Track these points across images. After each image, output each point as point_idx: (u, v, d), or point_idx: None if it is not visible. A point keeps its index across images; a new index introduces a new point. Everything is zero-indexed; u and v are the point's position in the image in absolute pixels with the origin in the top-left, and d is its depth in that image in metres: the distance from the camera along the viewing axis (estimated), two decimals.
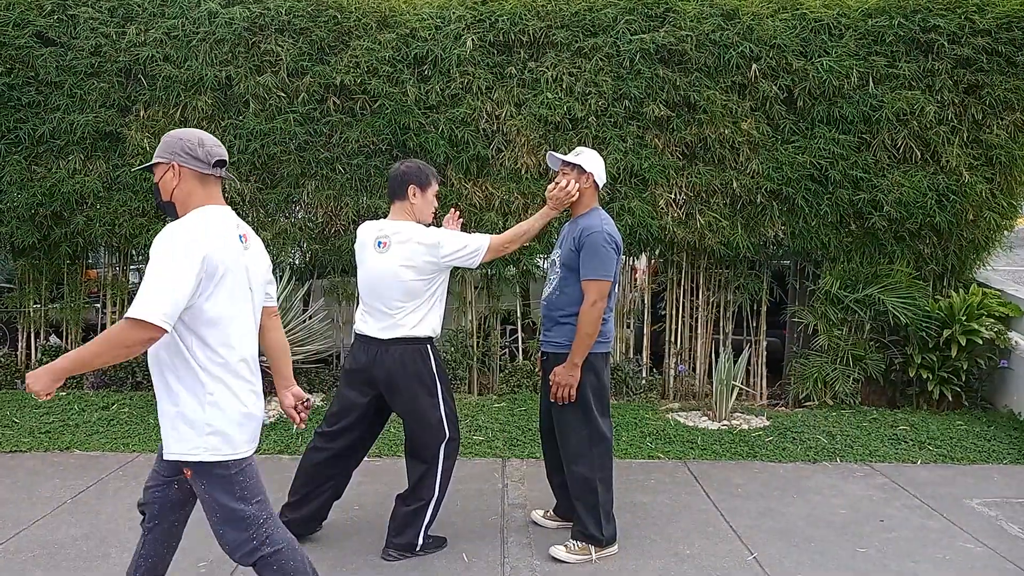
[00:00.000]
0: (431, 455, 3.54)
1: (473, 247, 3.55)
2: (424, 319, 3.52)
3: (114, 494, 4.26)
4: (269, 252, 6.45)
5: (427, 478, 3.54)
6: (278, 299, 5.74)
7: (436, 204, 3.67)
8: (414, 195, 3.54)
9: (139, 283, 7.34)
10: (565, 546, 3.59)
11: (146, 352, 2.44)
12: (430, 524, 3.57)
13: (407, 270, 3.44)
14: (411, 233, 3.48)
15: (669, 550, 3.70)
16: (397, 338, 3.47)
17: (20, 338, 6.74)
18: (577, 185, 3.59)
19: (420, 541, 3.55)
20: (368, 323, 3.54)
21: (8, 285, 7.31)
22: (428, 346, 3.54)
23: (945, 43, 5.86)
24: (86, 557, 3.49)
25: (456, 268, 6.30)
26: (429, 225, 3.60)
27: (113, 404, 5.84)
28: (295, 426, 2.81)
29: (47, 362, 2.39)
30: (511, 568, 3.49)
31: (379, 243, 3.51)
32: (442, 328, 6.67)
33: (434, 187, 3.61)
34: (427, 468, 3.54)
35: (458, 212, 4.05)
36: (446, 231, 3.61)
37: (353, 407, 3.58)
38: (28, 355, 6.70)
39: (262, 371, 5.85)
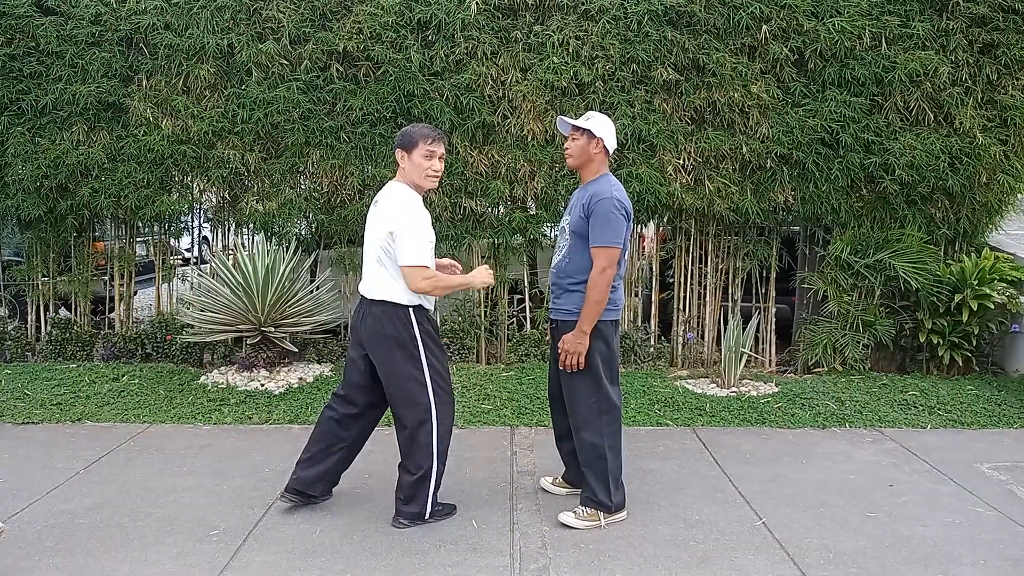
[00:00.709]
0: (412, 421, 3.49)
1: (405, 261, 3.36)
2: (406, 289, 3.43)
3: (125, 465, 4.29)
4: (275, 223, 6.49)
5: (417, 445, 3.50)
6: (284, 270, 5.79)
7: (434, 165, 3.49)
8: (401, 159, 3.49)
9: (146, 256, 7.40)
10: (574, 512, 3.60)
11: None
12: (436, 491, 3.58)
13: (376, 234, 3.46)
14: (390, 201, 3.44)
15: (678, 516, 3.71)
16: (379, 300, 3.47)
17: (29, 311, 6.76)
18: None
19: (429, 508, 3.56)
20: (362, 281, 3.60)
21: (16, 258, 7.32)
22: (411, 311, 3.47)
23: (960, 1, 5.72)
24: (99, 527, 3.52)
25: (463, 237, 6.28)
26: (418, 188, 3.49)
27: (123, 376, 5.87)
28: None
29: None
30: (521, 534, 3.50)
31: (375, 201, 3.56)
32: (450, 298, 6.67)
33: (421, 148, 3.44)
34: (411, 433, 3.50)
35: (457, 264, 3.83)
36: (410, 229, 3.37)
37: (355, 366, 3.62)
38: (38, 328, 6.72)
39: (269, 342, 5.82)
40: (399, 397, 3.51)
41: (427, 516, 3.56)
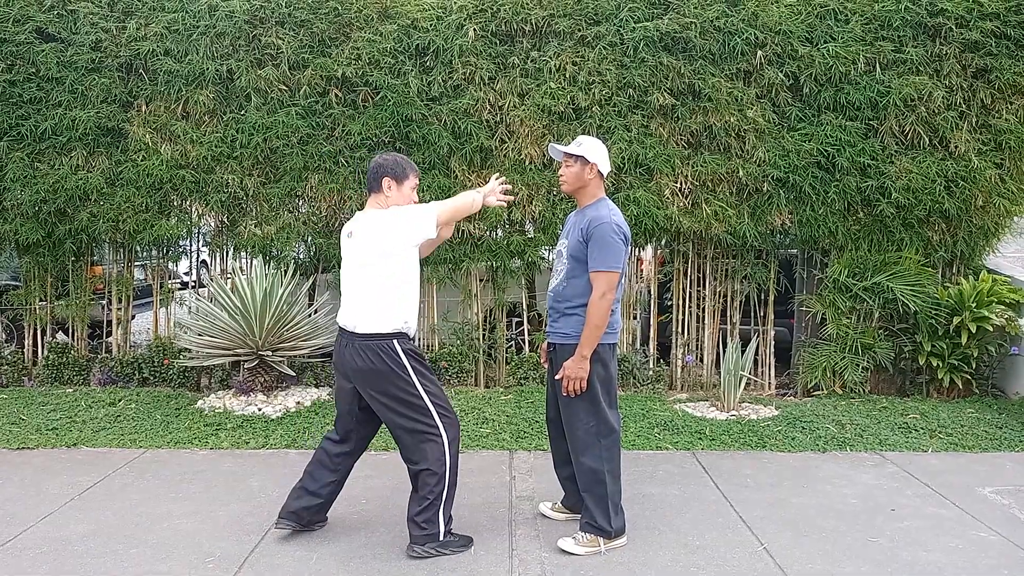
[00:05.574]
0: (421, 453, 3.44)
1: (422, 228, 3.42)
2: (391, 318, 3.41)
3: (121, 490, 4.25)
4: (273, 247, 6.50)
5: (430, 472, 3.45)
6: (282, 294, 5.79)
7: (415, 198, 3.57)
8: (388, 187, 3.47)
9: (144, 280, 7.40)
10: (574, 538, 3.56)
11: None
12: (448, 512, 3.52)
13: (373, 261, 3.40)
14: (381, 220, 3.43)
15: (678, 541, 3.68)
16: (362, 333, 3.40)
17: (27, 336, 6.74)
18: None
19: (443, 528, 3.49)
20: (344, 313, 3.51)
21: (14, 283, 7.31)
22: (395, 340, 3.41)
23: (953, 27, 5.79)
24: (93, 554, 3.48)
25: (461, 261, 6.28)
26: None
27: (120, 400, 5.84)
28: None
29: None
30: (519, 561, 3.46)
31: (349, 232, 3.50)
32: (448, 321, 6.66)
33: (412, 180, 3.51)
34: (420, 459, 3.44)
35: (502, 178, 3.87)
36: (413, 211, 3.46)
37: (344, 396, 3.57)
38: (34, 352, 6.70)
39: (267, 366, 5.79)
40: (404, 425, 3.44)
41: (442, 536, 3.48)
